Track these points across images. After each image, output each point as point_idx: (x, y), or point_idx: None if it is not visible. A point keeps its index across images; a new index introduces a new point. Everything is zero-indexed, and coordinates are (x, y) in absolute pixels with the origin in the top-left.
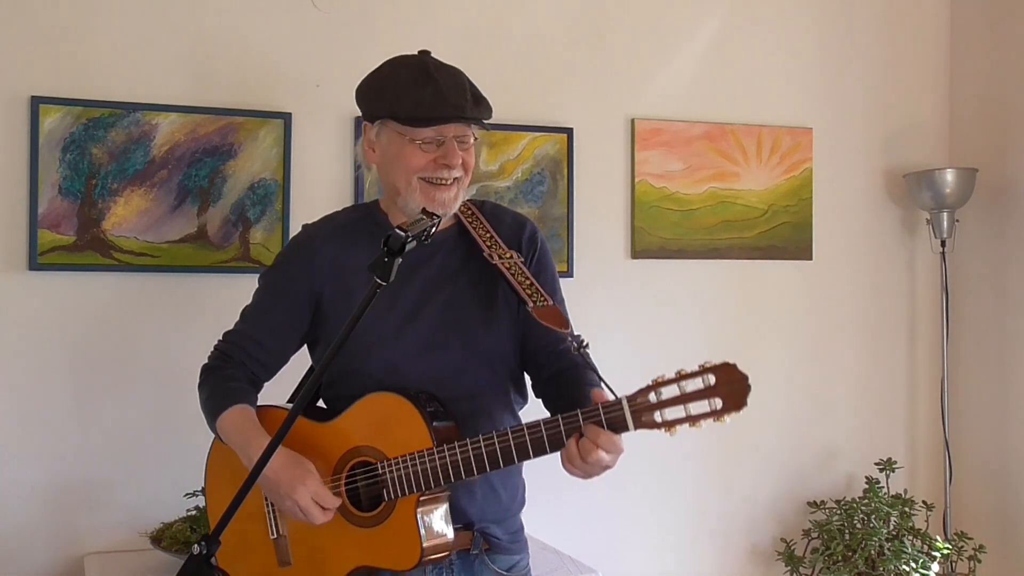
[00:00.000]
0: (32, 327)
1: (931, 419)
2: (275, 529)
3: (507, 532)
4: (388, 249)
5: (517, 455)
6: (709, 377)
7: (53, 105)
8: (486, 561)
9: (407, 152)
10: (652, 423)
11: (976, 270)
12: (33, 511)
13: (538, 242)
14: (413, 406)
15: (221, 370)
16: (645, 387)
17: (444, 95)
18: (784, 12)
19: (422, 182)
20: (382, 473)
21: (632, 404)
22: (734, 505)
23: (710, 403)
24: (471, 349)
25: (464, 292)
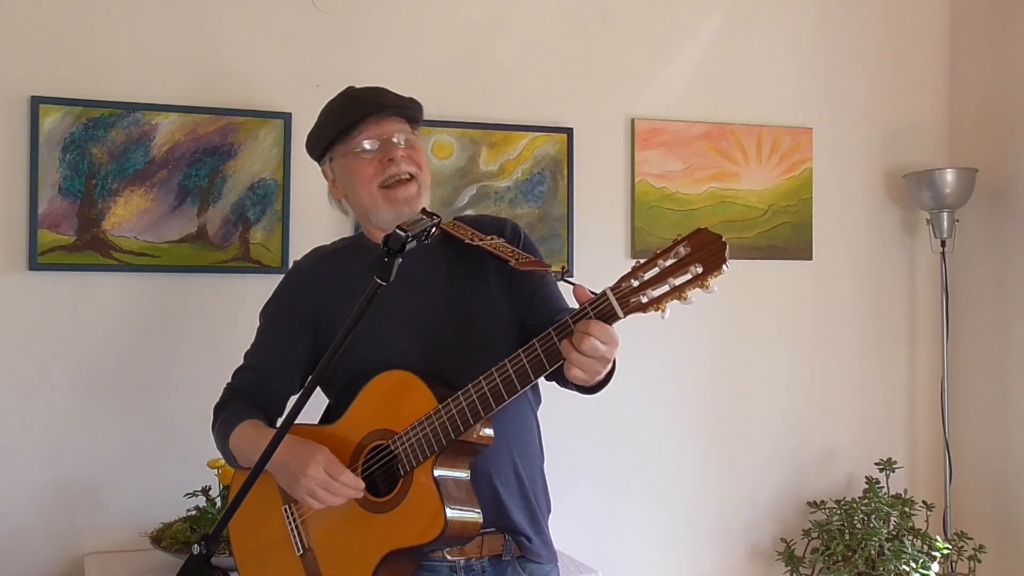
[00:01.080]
0: (32, 327)
1: (931, 419)
2: (300, 545)
3: (537, 534)
4: (388, 249)
5: (519, 381)
6: (683, 248)
7: (53, 105)
8: (518, 568)
9: (356, 167)
10: (640, 305)
11: (976, 270)
12: (33, 511)
13: (521, 234)
14: (411, 374)
15: (230, 403)
16: (625, 275)
17: (362, 98)
18: (784, 12)
19: (381, 189)
20: (394, 449)
21: (616, 291)
22: (734, 505)
23: (691, 271)
24: (473, 342)
25: (456, 286)
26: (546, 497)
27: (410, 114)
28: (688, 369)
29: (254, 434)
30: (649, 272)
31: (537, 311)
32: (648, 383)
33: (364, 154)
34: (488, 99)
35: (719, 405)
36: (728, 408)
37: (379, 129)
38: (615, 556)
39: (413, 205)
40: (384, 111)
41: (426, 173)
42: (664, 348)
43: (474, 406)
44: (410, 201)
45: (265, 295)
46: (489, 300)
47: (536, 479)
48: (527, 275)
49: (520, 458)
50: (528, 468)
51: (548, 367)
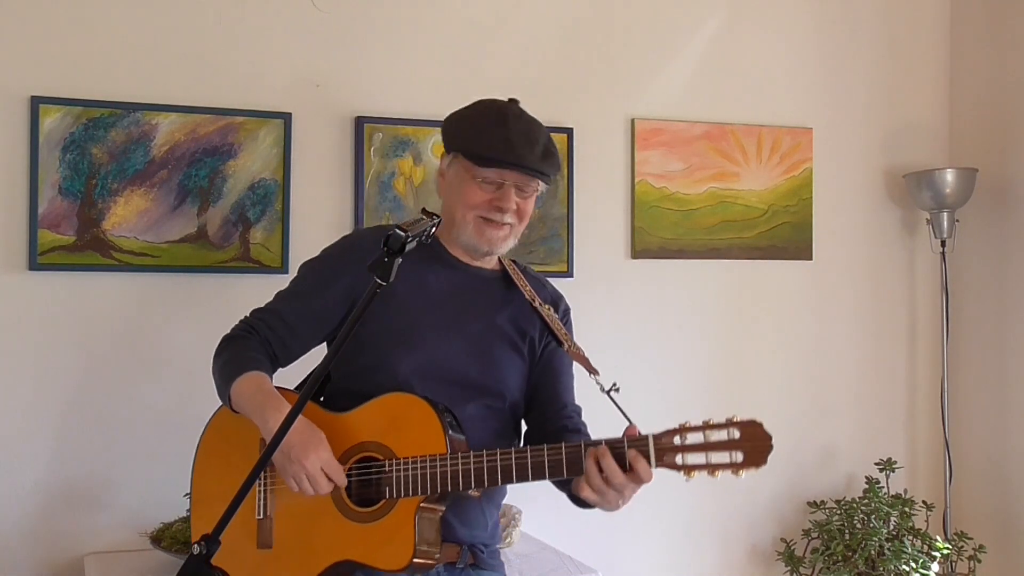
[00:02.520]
0: (32, 327)
1: (931, 419)
2: (262, 509)
3: (489, 549)
4: (388, 249)
5: (532, 472)
6: (734, 431)
7: (53, 105)
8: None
9: (468, 188)
10: (673, 464)
11: (976, 270)
12: (33, 511)
13: (569, 320)
14: (433, 412)
15: (244, 340)
16: (672, 429)
17: (512, 142)
18: (784, 12)
19: (477, 218)
20: (388, 470)
21: (657, 443)
22: (734, 505)
23: (731, 455)
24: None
25: (497, 330)
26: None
27: (545, 179)
28: (688, 368)
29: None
30: (693, 437)
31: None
32: (648, 382)
33: (482, 184)
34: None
35: (719, 405)
36: (728, 408)
37: (507, 175)
38: (615, 556)
39: (498, 247)
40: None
41: (523, 224)
42: (664, 348)
43: (480, 474)
44: (496, 243)
45: (265, 295)
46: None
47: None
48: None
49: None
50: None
51: (564, 474)
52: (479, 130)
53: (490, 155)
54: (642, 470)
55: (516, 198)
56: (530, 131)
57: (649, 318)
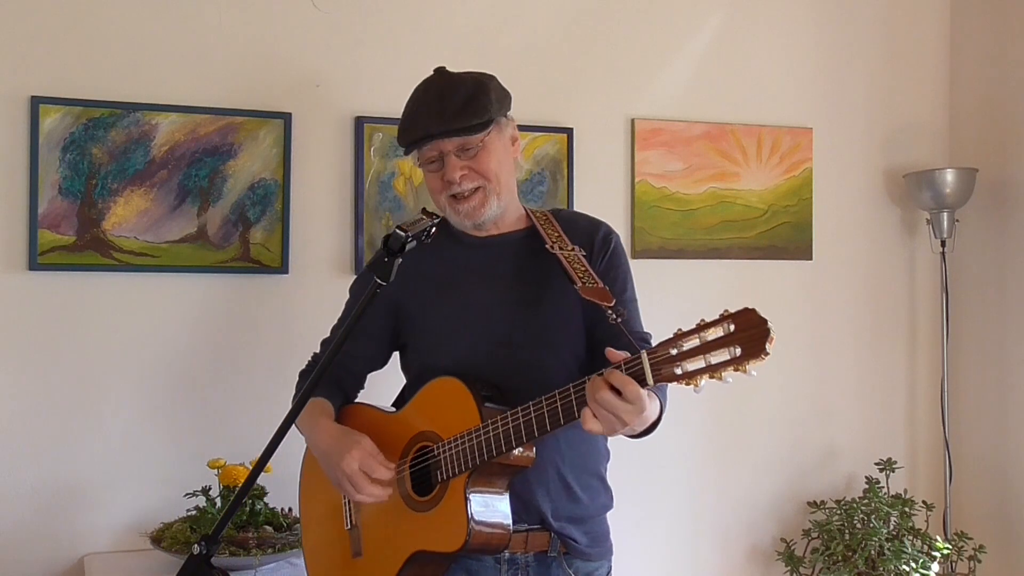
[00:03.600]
0: (32, 327)
1: (931, 419)
2: (349, 520)
3: (587, 535)
4: (388, 249)
5: (550, 422)
6: (729, 324)
7: (53, 105)
8: (563, 565)
9: (427, 177)
10: (672, 376)
11: (976, 270)
12: (33, 511)
13: (611, 243)
14: (464, 386)
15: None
16: (666, 340)
17: (417, 116)
18: (784, 12)
19: (448, 200)
20: (437, 455)
21: (652, 357)
22: (734, 505)
23: (730, 351)
24: (544, 347)
25: (531, 288)
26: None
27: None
28: None
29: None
30: (689, 342)
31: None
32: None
33: (429, 166)
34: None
35: (719, 405)
36: (728, 408)
37: (436, 148)
38: (615, 555)
39: (478, 216)
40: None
41: (498, 179)
42: None
43: (508, 435)
44: (473, 213)
45: (265, 295)
46: (562, 308)
47: (589, 480)
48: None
49: (569, 463)
50: (577, 471)
51: (576, 416)
52: (403, 121)
53: (406, 140)
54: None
55: (463, 161)
56: (443, 93)
57: (649, 318)
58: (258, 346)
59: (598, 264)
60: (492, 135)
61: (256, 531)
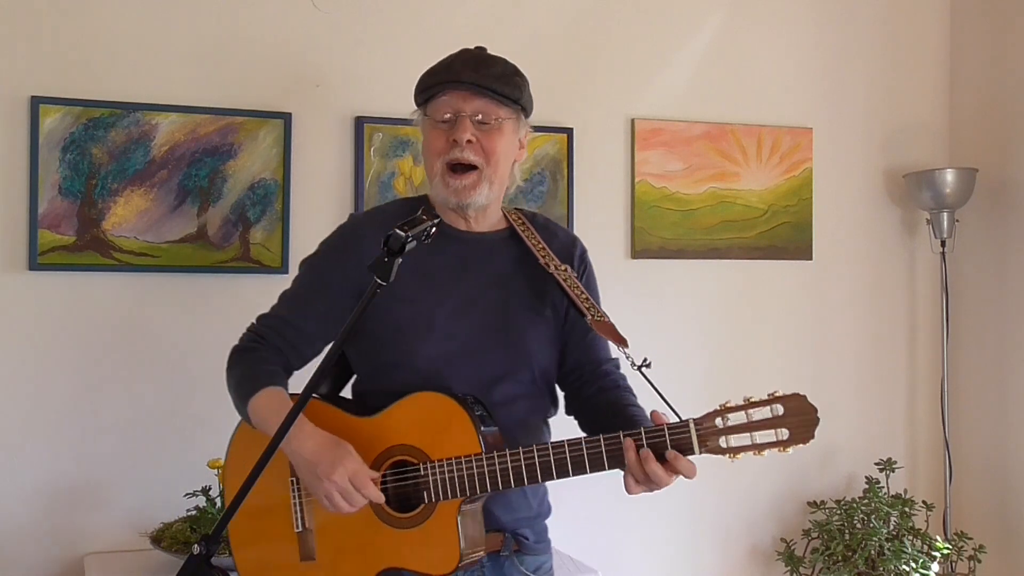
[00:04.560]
0: (32, 327)
1: (931, 419)
2: (300, 522)
3: (535, 532)
4: (388, 249)
5: (573, 468)
6: (777, 407)
7: (53, 105)
8: (515, 562)
9: (430, 136)
10: (718, 448)
11: (976, 270)
12: (33, 511)
13: (587, 262)
14: (462, 409)
15: (255, 352)
16: (712, 411)
17: (452, 64)
18: (784, 12)
19: (443, 168)
20: (424, 474)
21: (699, 428)
22: (734, 505)
23: (776, 433)
24: (516, 356)
25: (515, 297)
26: (547, 498)
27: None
28: (688, 368)
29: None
30: (735, 417)
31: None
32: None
33: (439, 125)
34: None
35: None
36: None
37: (457, 103)
38: (615, 556)
39: (466, 196)
40: (461, 86)
41: (497, 166)
42: (664, 348)
43: (519, 472)
44: (463, 192)
45: (265, 295)
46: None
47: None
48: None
49: None
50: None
51: (607, 468)
52: (427, 73)
53: (431, 81)
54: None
55: (476, 131)
56: (484, 58)
57: (649, 318)
58: None
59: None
60: (510, 123)
61: None
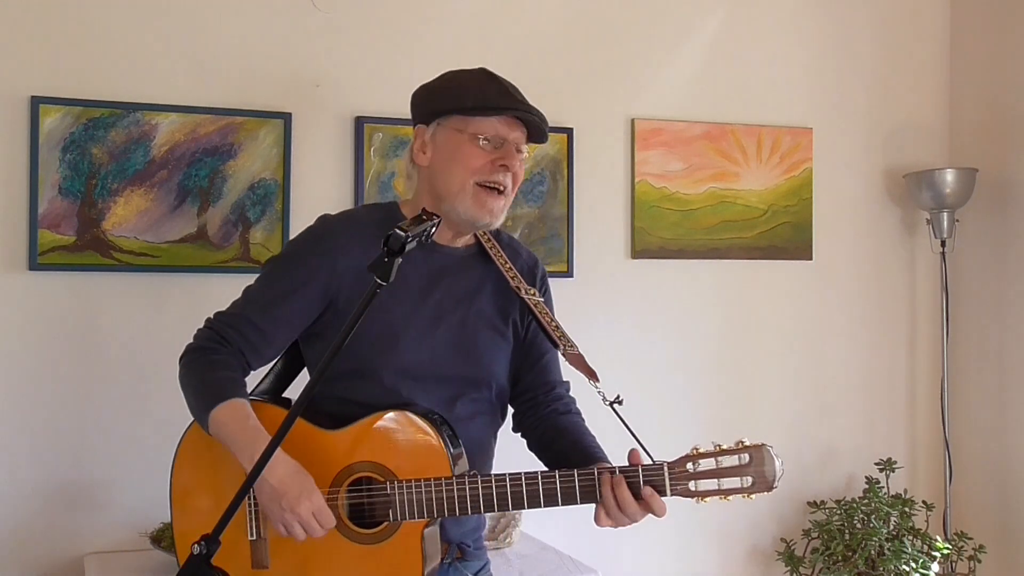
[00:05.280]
0: (32, 327)
1: (931, 419)
2: (254, 531)
3: (474, 541)
4: (388, 249)
5: (545, 500)
6: (744, 456)
7: (53, 105)
8: (458, 567)
9: (465, 151)
10: (687, 492)
11: (976, 270)
12: (33, 511)
13: (547, 282)
14: (434, 430)
15: (215, 353)
16: (684, 456)
17: (509, 91)
18: (784, 13)
19: (477, 187)
20: (391, 493)
21: (671, 471)
22: (734, 505)
23: (742, 480)
24: (477, 373)
25: (480, 315)
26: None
27: (540, 130)
28: (688, 368)
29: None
30: (705, 463)
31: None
32: (648, 382)
33: (482, 143)
34: None
35: (719, 405)
36: (728, 408)
37: (507, 129)
38: (615, 556)
39: (496, 219)
40: (529, 115)
41: (516, 190)
42: (664, 348)
43: (489, 499)
44: (497, 214)
45: None
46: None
47: None
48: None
49: None
50: None
51: (577, 502)
52: (471, 86)
53: (494, 103)
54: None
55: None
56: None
57: (649, 318)
58: None
59: None
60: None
61: None
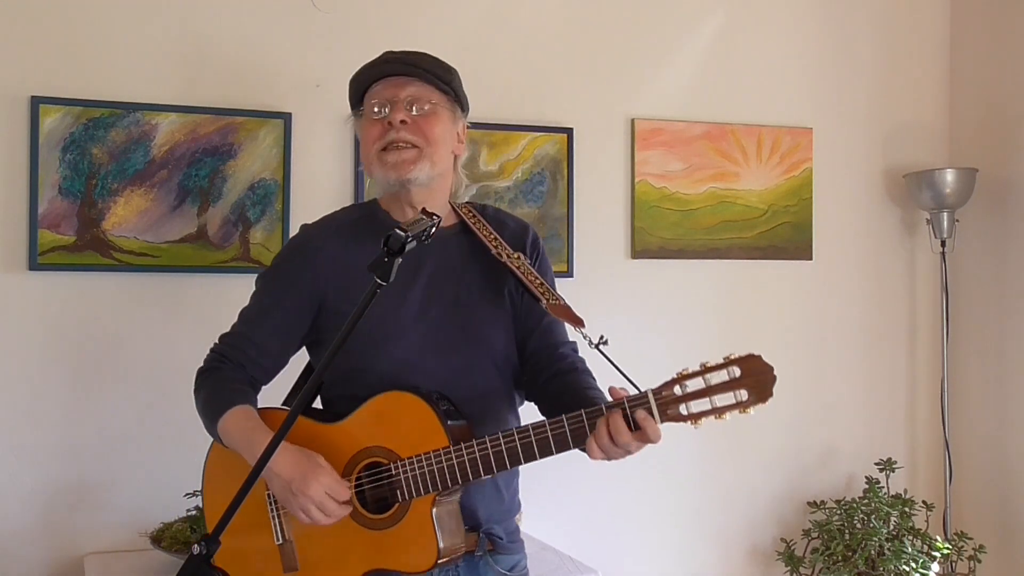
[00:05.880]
0: (32, 327)
1: (931, 419)
2: (280, 534)
3: (507, 532)
4: (388, 249)
5: (539, 451)
6: (734, 369)
7: (53, 105)
8: (490, 562)
9: (365, 129)
10: (678, 416)
11: (976, 270)
12: (33, 511)
13: (540, 247)
14: (426, 404)
15: (219, 371)
16: (670, 380)
17: (386, 58)
18: (784, 12)
19: (379, 153)
20: (396, 474)
21: (658, 397)
22: (734, 505)
23: (735, 395)
24: (478, 348)
25: (471, 291)
26: (518, 494)
27: (432, 79)
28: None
29: (247, 425)
30: (693, 383)
31: (543, 339)
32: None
33: (373, 115)
34: (488, 99)
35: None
36: None
37: (390, 92)
38: (615, 556)
39: (405, 171)
40: (394, 75)
41: (437, 147)
42: (664, 348)
43: (487, 460)
44: (402, 167)
45: None
46: (499, 316)
47: (510, 480)
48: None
49: None
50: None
51: (572, 446)
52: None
53: (366, 76)
54: (651, 431)
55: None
56: (414, 52)
57: (649, 318)
58: None
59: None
60: (445, 109)
61: None
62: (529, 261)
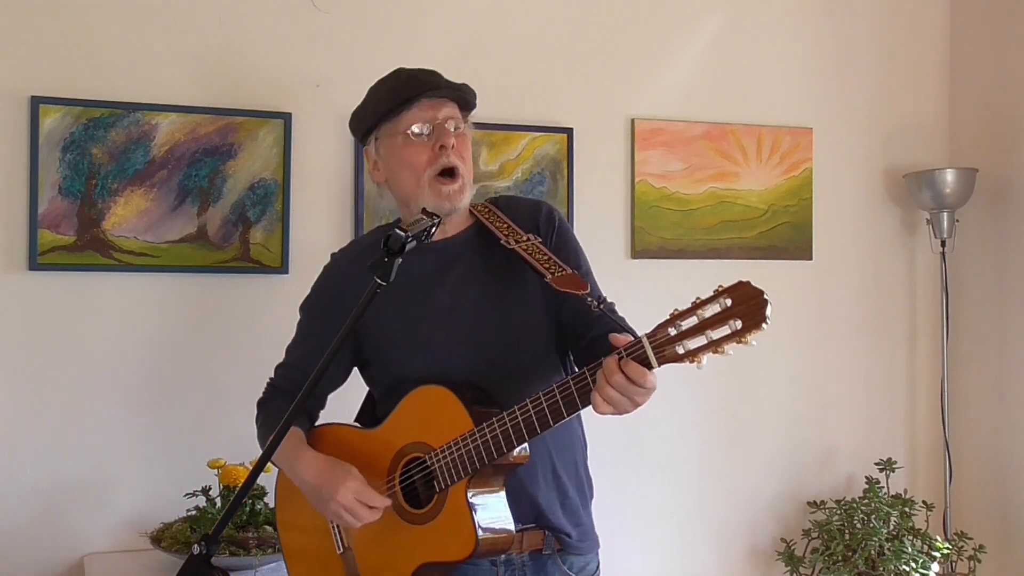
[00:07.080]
0: (32, 327)
1: (931, 419)
2: (341, 543)
3: (577, 528)
4: (388, 249)
5: (552, 416)
6: (725, 300)
7: (53, 105)
8: (558, 562)
9: (407, 153)
10: (675, 356)
11: (976, 270)
12: (33, 511)
13: (556, 219)
14: (450, 392)
15: (271, 402)
16: (663, 322)
17: (418, 77)
18: (784, 12)
19: (432, 180)
20: (431, 465)
21: (652, 340)
22: (734, 505)
23: (730, 325)
24: (510, 340)
25: (493, 286)
26: (588, 487)
27: (464, 99)
28: (688, 368)
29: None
30: (687, 321)
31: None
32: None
33: (415, 138)
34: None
35: (719, 405)
36: (728, 408)
37: (432, 112)
38: (615, 556)
39: (457, 201)
40: (440, 91)
41: (469, 168)
42: None
43: (507, 434)
44: (454, 197)
45: (265, 295)
46: (526, 300)
47: (575, 472)
48: None
49: (558, 456)
50: (566, 464)
51: (580, 406)
52: (380, 92)
53: (403, 96)
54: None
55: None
56: (430, 71)
57: (649, 318)
58: (258, 346)
59: (550, 244)
60: (469, 127)
61: (256, 531)
62: (542, 238)
